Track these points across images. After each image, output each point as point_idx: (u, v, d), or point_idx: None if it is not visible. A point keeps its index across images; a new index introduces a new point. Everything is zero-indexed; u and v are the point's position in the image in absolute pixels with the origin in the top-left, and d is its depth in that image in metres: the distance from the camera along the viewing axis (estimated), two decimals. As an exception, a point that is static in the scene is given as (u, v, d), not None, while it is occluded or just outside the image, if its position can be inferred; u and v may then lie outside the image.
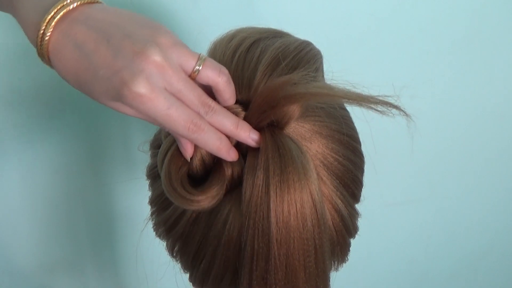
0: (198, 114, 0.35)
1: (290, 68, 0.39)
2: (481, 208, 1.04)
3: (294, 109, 0.36)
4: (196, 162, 0.38)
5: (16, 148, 0.73)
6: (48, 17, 0.35)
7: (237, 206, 0.37)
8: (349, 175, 0.40)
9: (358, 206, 0.43)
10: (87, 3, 0.36)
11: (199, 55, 0.36)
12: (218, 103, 0.37)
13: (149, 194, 0.44)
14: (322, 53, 0.45)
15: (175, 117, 0.34)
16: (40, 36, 0.35)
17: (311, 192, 0.35)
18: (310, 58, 0.42)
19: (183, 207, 0.38)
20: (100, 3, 0.38)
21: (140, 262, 0.76)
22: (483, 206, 1.04)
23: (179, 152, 0.38)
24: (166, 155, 0.38)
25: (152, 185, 0.44)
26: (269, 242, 0.34)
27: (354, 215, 0.42)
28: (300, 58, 0.41)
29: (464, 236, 1.08)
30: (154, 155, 0.44)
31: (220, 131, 0.36)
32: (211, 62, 0.36)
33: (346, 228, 0.40)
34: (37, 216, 0.80)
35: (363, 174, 0.43)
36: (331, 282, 0.39)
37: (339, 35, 0.74)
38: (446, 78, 0.84)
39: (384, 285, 1.12)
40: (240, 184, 0.36)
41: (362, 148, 0.43)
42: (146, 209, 0.44)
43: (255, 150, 0.37)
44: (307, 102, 0.36)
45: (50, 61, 0.36)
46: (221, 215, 0.37)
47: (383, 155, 0.88)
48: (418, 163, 0.93)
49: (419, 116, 0.93)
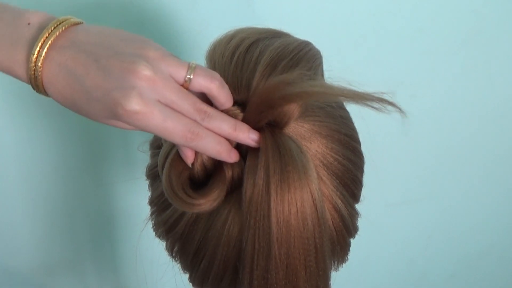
0: (195, 121, 0.35)
1: (289, 68, 0.39)
2: (481, 208, 1.04)
3: (294, 109, 0.36)
4: (197, 167, 0.38)
5: (16, 148, 0.73)
6: (36, 50, 0.35)
7: (237, 207, 0.37)
8: (349, 175, 0.40)
9: (358, 206, 0.43)
10: (70, 26, 0.37)
11: (189, 64, 0.36)
12: (216, 107, 0.37)
13: (149, 194, 0.44)
14: (322, 53, 0.45)
15: (172, 128, 0.34)
16: (32, 70, 0.35)
17: (311, 191, 0.35)
18: (310, 58, 0.42)
19: (184, 210, 0.38)
20: (81, 23, 0.38)
21: (139, 262, 0.76)
22: (483, 206, 1.04)
23: (179, 157, 0.38)
24: (166, 159, 0.38)
25: (151, 185, 0.44)
26: (269, 241, 0.34)
27: (354, 215, 0.42)
28: (300, 58, 0.41)
29: (464, 236, 1.08)
30: (154, 155, 0.44)
31: (219, 135, 0.36)
32: (202, 69, 0.36)
33: (346, 228, 0.40)
34: (37, 216, 0.80)
35: (363, 174, 0.43)
36: (331, 282, 0.39)
37: (339, 35, 0.74)
38: (446, 78, 0.84)
39: (384, 285, 1.12)
40: (240, 186, 0.36)
41: (362, 148, 0.43)
42: (146, 209, 0.44)
43: (255, 150, 0.37)
44: (304, 101, 0.36)
45: (45, 91, 0.36)
46: (220, 216, 0.37)
47: (383, 155, 0.88)
48: (418, 163, 0.93)
49: (419, 115, 0.94)
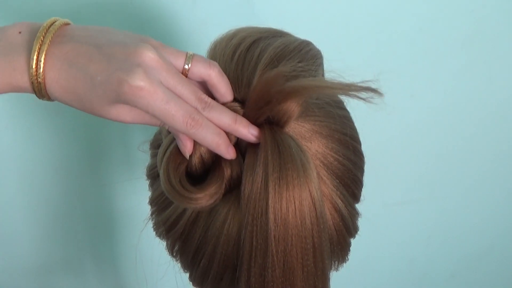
0: (196, 109, 0.35)
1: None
2: (481, 208, 1.04)
3: (294, 107, 0.36)
4: (195, 160, 0.38)
5: (16, 149, 0.73)
6: (36, 48, 0.35)
7: (236, 206, 0.37)
8: (349, 174, 0.40)
9: (358, 206, 0.43)
10: (63, 25, 0.37)
11: (187, 52, 0.36)
12: (216, 101, 0.37)
13: (149, 194, 0.44)
14: (322, 52, 0.45)
15: (174, 111, 0.34)
16: (34, 70, 0.35)
17: (310, 190, 0.35)
18: (310, 57, 0.42)
19: (181, 206, 0.38)
20: (71, 24, 0.38)
21: (139, 262, 0.76)
22: (483, 206, 1.04)
23: (178, 150, 0.38)
24: (165, 153, 0.38)
25: (152, 185, 0.44)
26: (267, 238, 0.34)
27: (354, 214, 0.42)
28: (300, 57, 0.41)
29: (464, 236, 1.08)
30: (154, 155, 0.44)
31: (219, 127, 0.36)
32: (200, 57, 0.37)
33: (346, 227, 0.40)
34: (37, 216, 0.80)
35: (363, 174, 0.43)
36: (331, 282, 0.39)
37: (339, 35, 0.74)
38: (446, 78, 0.84)
39: (384, 285, 1.12)
40: (239, 184, 0.36)
41: (362, 148, 0.43)
42: (146, 209, 0.44)
43: (255, 148, 0.37)
44: (299, 96, 0.36)
45: (48, 94, 0.36)
46: (220, 215, 0.37)
47: (383, 155, 0.88)
48: (418, 163, 0.93)
49: (419, 115, 0.93)
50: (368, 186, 0.43)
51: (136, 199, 0.78)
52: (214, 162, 0.38)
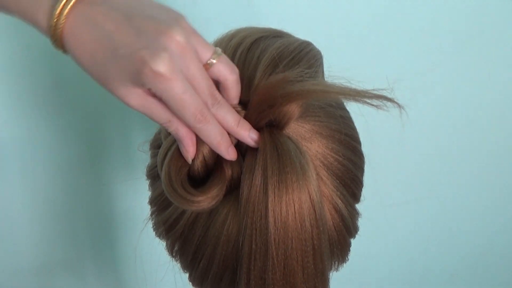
0: (206, 104, 0.35)
1: (290, 68, 0.39)
2: (481, 208, 1.04)
3: (294, 109, 0.36)
4: (198, 164, 0.38)
5: (16, 148, 0.73)
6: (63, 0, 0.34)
7: (236, 206, 0.37)
8: (349, 175, 0.40)
9: (358, 206, 0.43)
10: None
11: (215, 48, 0.36)
12: None
13: (149, 194, 0.44)
14: (322, 52, 0.45)
15: (188, 103, 0.33)
16: (55, 18, 0.34)
17: (310, 192, 0.35)
18: (310, 58, 0.42)
19: (183, 208, 0.38)
20: None
21: (139, 262, 0.76)
22: (483, 206, 1.04)
23: (179, 153, 0.37)
24: (166, 155, 0.38)
25: (152, 185, 0.44)
26: (267, 242, 0.34)
27: (354, 215, 0.42)
28: (300, 58, 0.41)
29: (464, 236, 1.08)
30: (154, 155, 0.44)
31: (222, 127, 0.36)
32: (226, 58, 0.36)
33: (347, 228, 0.40)
34: (37, 216, 0.80)
35: (363, 174, 0.43)
36: (331, 282, 0.39)
37: (339, 35, 0.74)
38: (446, 77, 0.84)
39: (384, 285, 1.12)
40: (240, 185, 0.36)
41: (362, 148, 0.43)
42: (146, 209, 0.44)
43: (254, 150, 0.37)
44: (304, 100, 0.36)
45: (63, 45, 0.35)
46: (220, 215, 0.37)
47: (383, 155, 0.88)
48: (418, 163, 0.93)
49: (419, 115, 0.93)
50: (368, 186, 0.43)
51: (136, 199, 0.78)
52: (216, 163, 0.38)
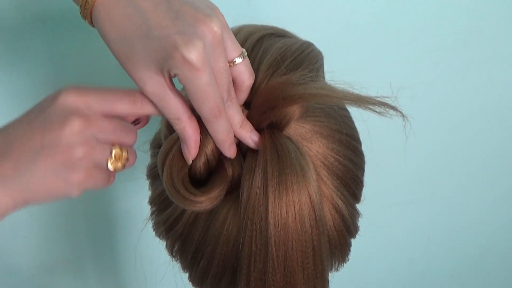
0: (222, 100, 0.35)
1: (291, 69, 0.39)
2: (481, 208, 1.04)
3: (295, 110, 0.36)
4: (200, 165, 0.38)
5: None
6: None
7: (236, 207, 0.37)
8: (349, 175, 0.40)
9: (358, 206, 0.43)
10: None
11: (243, 49, 0.36)
12: None
13: (149, 194, 0.44)
14: (323, 53, 0.45)
15: (210, 95, 0.33)
16: None
17: (310, 193, 0.35)
18: (312, 59, 0.42)
19: (184, 208, 0.38)
20: None
21: (139, 262, 0.76)
22: (483, 206, 1.04)
23: (180, 154, 0.37)
24: (167, 156, 0.38)
25: (152, 184, 0.44)
26: (267, 243, 0.34)
27: (354, 215, 0.42)
28: (301, 59, 0.41)
29: (464, 236, 1.08)
30: (154, 155, 0.44)
31: None
32: (248, 61, 0.37)
33: (347, 228, 0.40)
34: (37, 216, 0.80)
35: (363, 174, 0.43)
36: (330, 282, 0.39)
37: (339, 35, 0.74)
38: (446, 78, 0.84)
39: (384, 285, 1.11)
40: (240, 185, 0.36)
41: (363, 148, 0.43)
42: (146, 209, 0.44)
43: (254, 152, 0.37)
44: (306, 102, 0.36)
45: (91, 16, 0.34)
46: (220, 215, 0.37)
47: (383, 155, 0.88)
48: (418, 163, 0.93)
49: (419, 116, 0.93)
50: (368, 186, 0.43)
51: (136, 199, 0.78)
52: (218, 163, 0.38)
